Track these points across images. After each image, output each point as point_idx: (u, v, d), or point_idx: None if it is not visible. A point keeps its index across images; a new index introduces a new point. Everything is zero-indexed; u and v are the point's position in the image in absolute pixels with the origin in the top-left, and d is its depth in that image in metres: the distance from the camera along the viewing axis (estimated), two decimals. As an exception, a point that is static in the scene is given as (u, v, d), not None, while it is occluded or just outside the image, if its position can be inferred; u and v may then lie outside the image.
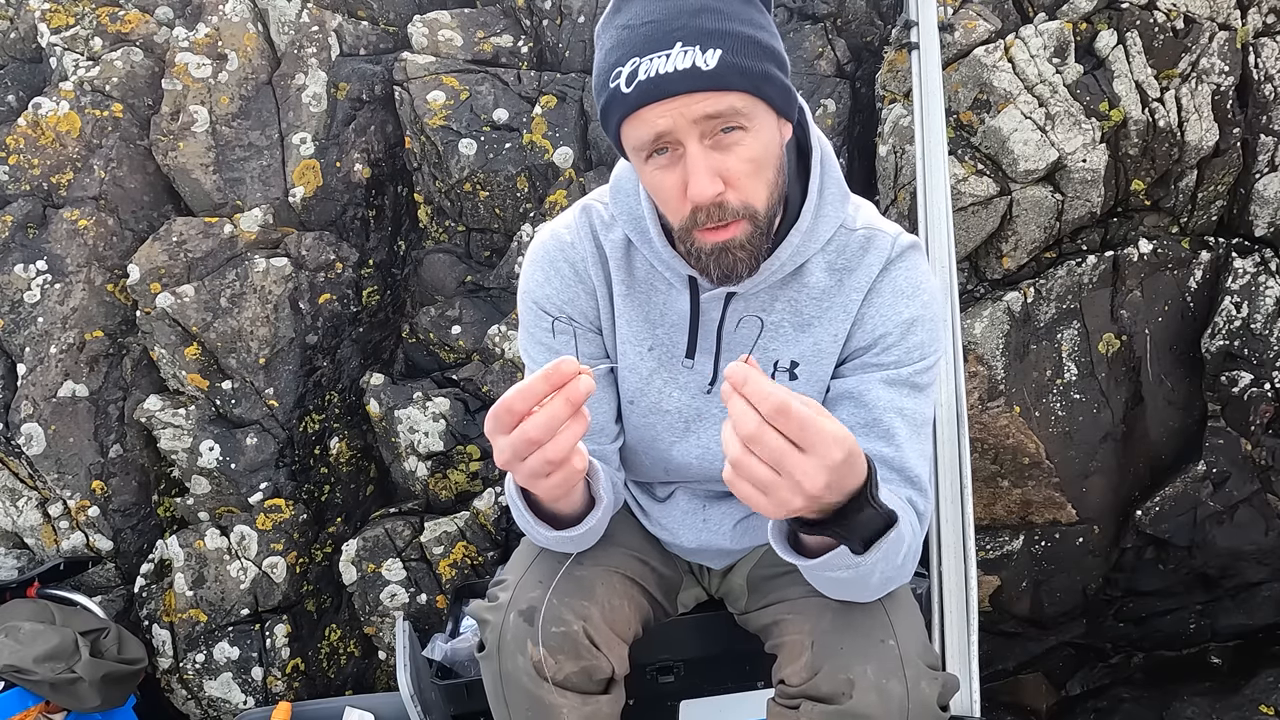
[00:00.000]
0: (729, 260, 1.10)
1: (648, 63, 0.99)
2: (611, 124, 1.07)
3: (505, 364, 2.38)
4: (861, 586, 1.12)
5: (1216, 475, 2.33)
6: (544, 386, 0.89)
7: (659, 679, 1.68)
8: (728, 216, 1.06)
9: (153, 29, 2.57)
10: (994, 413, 2.25)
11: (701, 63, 0.98)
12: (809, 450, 0.82)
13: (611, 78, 1.02)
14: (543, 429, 0.89)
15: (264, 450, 2.36)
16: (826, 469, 0.83)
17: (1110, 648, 2.58)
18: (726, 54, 0.99)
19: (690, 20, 0.99)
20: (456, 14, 2.65)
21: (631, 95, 1.01)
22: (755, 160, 1.05)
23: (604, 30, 1.07)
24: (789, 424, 0.81)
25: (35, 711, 1.94)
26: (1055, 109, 2.19)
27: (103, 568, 2.37)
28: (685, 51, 0.98)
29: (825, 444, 0.82)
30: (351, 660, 2.47)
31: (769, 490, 0.84)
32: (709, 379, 1.29)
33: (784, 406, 0.81)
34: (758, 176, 1.07)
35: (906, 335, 1.23)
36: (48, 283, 2.37)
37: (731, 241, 1.09)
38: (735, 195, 1.06)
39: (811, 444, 0.82)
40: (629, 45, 1.01)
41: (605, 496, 1.17)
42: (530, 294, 1.31)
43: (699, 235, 1.09)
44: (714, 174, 1.03)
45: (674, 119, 1.00)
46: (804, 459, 0.82)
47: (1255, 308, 2.29)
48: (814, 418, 0.82)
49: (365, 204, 2.56)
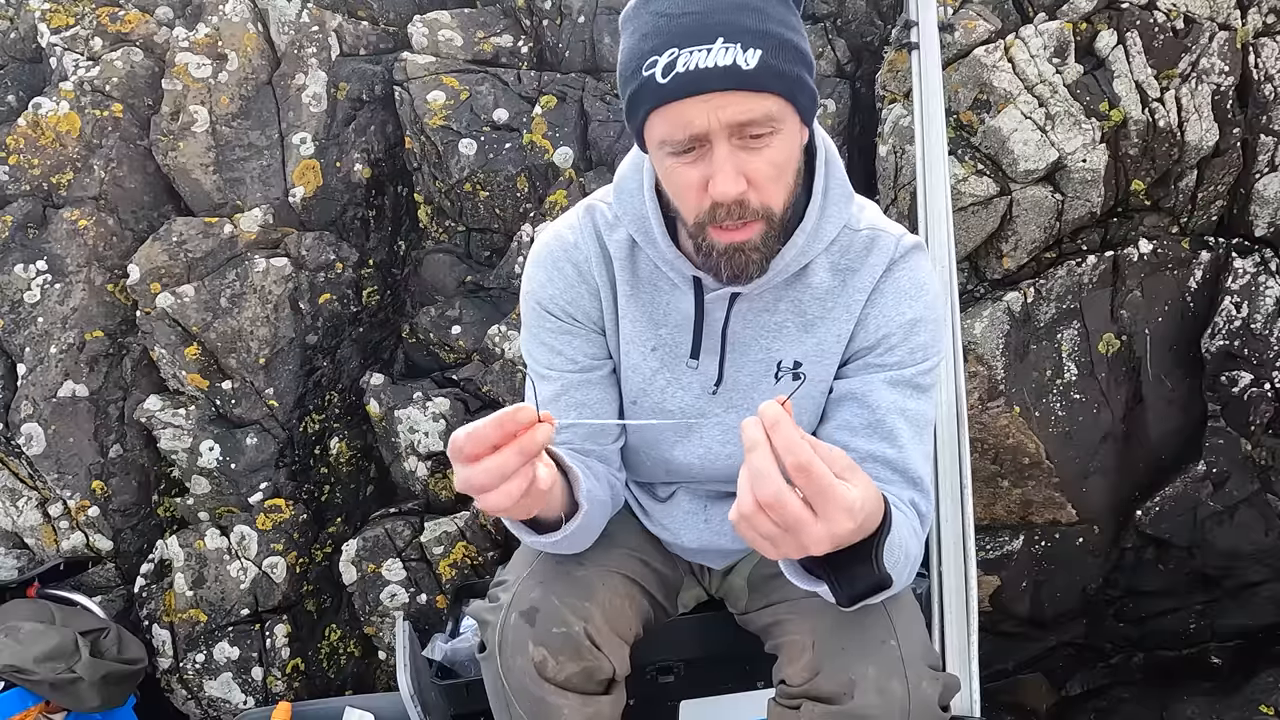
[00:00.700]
0: (741, 260, 1.10)
1: (687, 55, 0.98)
2: (639, 113, 1.05)
3: (505, 364, 2.38)
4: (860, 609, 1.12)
5: (1216, 475, 2.33)
6: (496, 434, 0.88)
7: (659, 679, 1.68)
8: (747, 216, 1.06)
9: (153, 29, 2.57)
10: (994, 413, 2.25)
11: (742, 61, 0.97)
12: (821, 516, 0.81)
13: (645, 66, 1.00)
14: (493, 475, 0.88)
15: (264, 450, 2.36)
16: (832, 537, 0.83)
17: (1110, 648, 2.58)
18: (766, 55, 0.98)
19: (732, 16, 0.98)
20: (456, 14, 2.65)
21: (668, 86, 0.99)
22: (779, 164, 1.05)
23: (636, 15, 1.04)
24: (808, 484, 0.80)
25: (35, 711, 1.94)
26: (1055, 109, 2.19)
27: (103, 568, 2.36)
28: (727, 49, 0.97)
29: (838, 516, 0.81)
30: (351, 660, 2.46)
31: (775, 542, 0.84)
32: (713, 380, 1.29)
33: (808, 467, 0.80)
34: (779, 180, 1.07)
35: (910, 336, 1.23)
36: (48, 283, 2.37)
37: (747, 243, 1.08)
38: (756, 196, 1.05)
39: (825, 511, 0.81)
40: (667, 34, 0.99)
41: (585, 504, 1.16)
42: (533, 294, 1.31)
43: (714, 232, 1.08)
44: (739, 173, 1.03)
45: (709, 119, 0.99)
46: (814, 525, 0.81)
47: (1255, 308, 2.29)
48: (833, 485, 0.81)
49: (365, 204, 2.56)
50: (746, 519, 0.83)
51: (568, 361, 1.30)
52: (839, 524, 0.82)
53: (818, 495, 0.81)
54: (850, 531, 0.83)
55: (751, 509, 0.82)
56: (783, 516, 0.81)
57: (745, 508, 0.82)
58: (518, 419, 0.88)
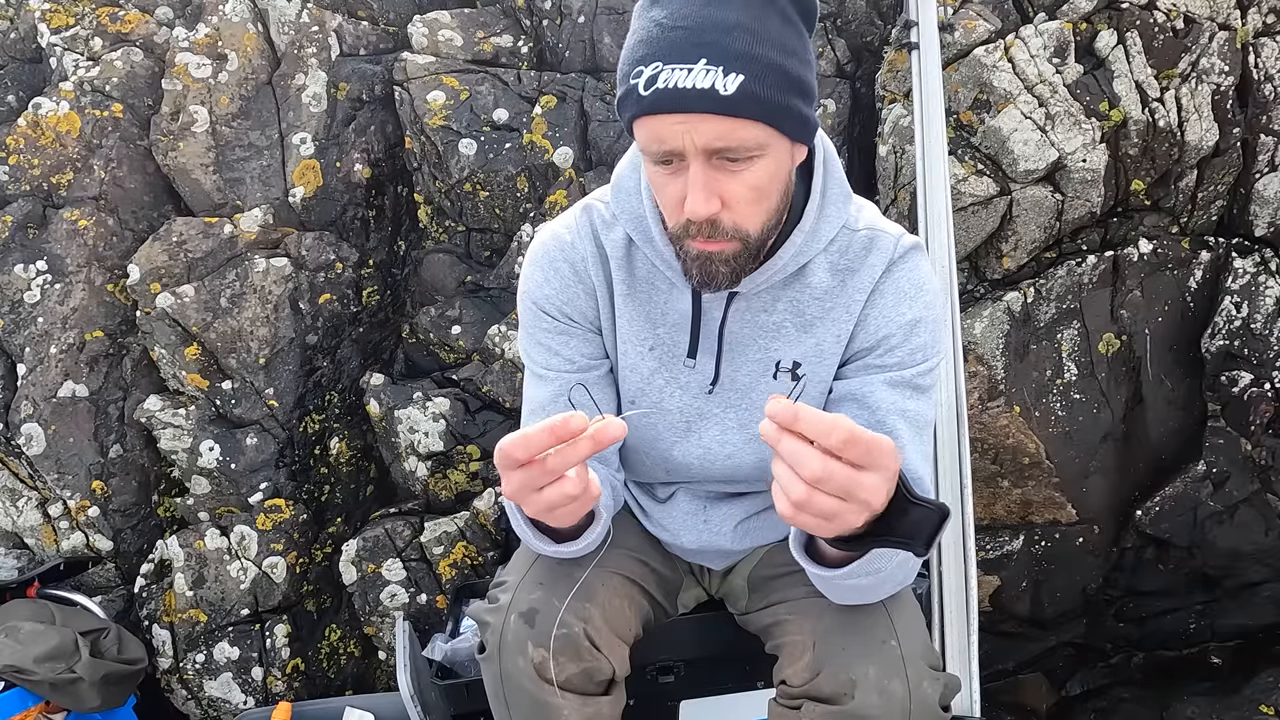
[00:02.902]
0: (711, 269, 1.11)
1: (668, 71, 0.98)
2: (625, 117, 1.06)
3: (505, 364, 2.38)
4: (874, 592, 1.14)
5: (1216, 475, 2.33)
6: (548, 440, 0.88)
7: (659, 679, 1.68)
8: (718, 236, 1.06)
9: (153, 29, 2.57)
10: (994, 413, 2.25)
11: (720, 86, 0.96)
12: (872, 468, 0.81)
13: (633, 75, 1.01)
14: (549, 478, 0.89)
15: (264, 450, 2.36)
16: (888, 480, 0.83)
17: (1110, 648, 2.58)
18: (748, 81, 0.97)
19: (721, 37, 0.97)
20: (456, 14, 2.65)
21: (647, 99, 0.99)
22: (758, 188, 1.05)
23: (640, 15, 1.04)
24: (857, 450, 0.79)
25: (35, 711, 1.94)
26: (1055, 109, 2.19)
27: (103, 568, 2.36)
28: (707, 71, 0.96)
29: (885, 459, 0.81)
30: (351, 660, 2.47)
31: (836, 517, 0.82)
32: (710, 379, 1.29)
33: (852, 435, 0.79)
34: (757, 204, 1.06)
35: (910, 337, 1.22)
36: (48, 283, 2.37)
37: (717, 254, 1.09)
38: (730, 217, 1.05)
39: (875, 461, 0.81)
40: (656, 46, 0.99)
41: (604, 513, 1.17)
42: (529, 294, 1.31)
43: (688, 241, 1.10)
44: (712, 194, 1.03)
45: (683, 140, 0.99)
46: (869, 477, 0.81)
47: (1255, 308, 2.29)
48: (875, 437, 0.81)
49: (365, 204, 2.56)
50: (802, 505, 0.81)
51: (565, 362, 1.31)
52: (889, 463, 0.81)
53: (865, 454, 0.80)
54: (898, 468, 0.84)
55: (803, 492, 0.81)
56: (836, 486, 0.80)
57: (797, 493, 0.81)
58: (570, 427, 0.87)
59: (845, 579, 1.04)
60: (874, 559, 1.00)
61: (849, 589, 1.13)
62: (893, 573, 1.08)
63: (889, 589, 1.15)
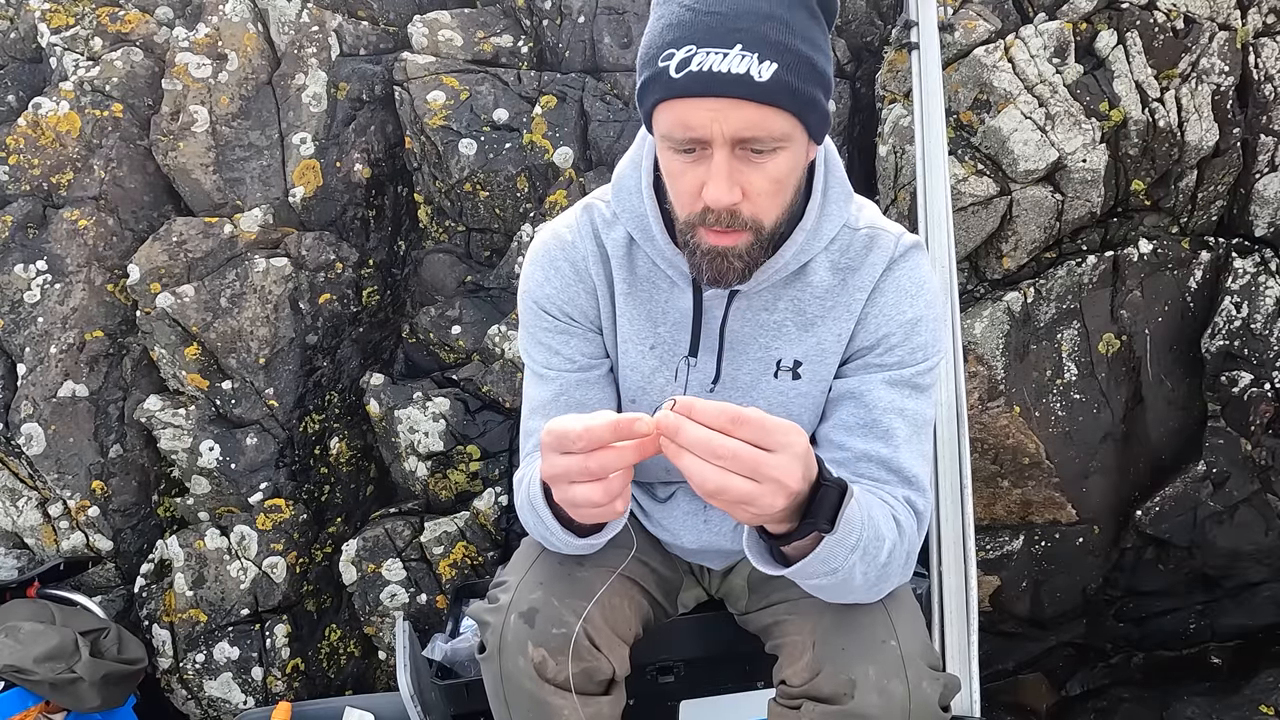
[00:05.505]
0: (723, 265, 1.11)
1: (703, 55, 0.97)
2: (647, 102, 1.05)
3: (505, 364, 2.38)
4: (846, 589, 1.10)
5: (1216, 475, 2.33)
6: (609, 435, 0.87)
7: (659, 679, 1.68)
8: (736, 225, 1.06)
9: (153, 29, 2.57)
10: (994, 413, 2.25)
11: (756, 73, 0.96)
12: (778, 449, 0.84)
13: (662, 57, 1.00)
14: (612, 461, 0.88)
15: (264, 450, 2.36)
16: (799, 459, 0.86)
17: (1110, 648, 2.58)
18: (782, 70, 0.97)
19: (756, 24, 0.97)
20: (456, 14, 2.65)
21: (679, 82, 0.99)
22: (779, 180, 1.05)
23: (663, 3, 1.04)
24: (750, 429, 0.83)
25: (35, 711, 1.94)
26: (1055, 109, 2.19)
27: (103, 568, 2.36)
28: (744, 56, 0.96)
29: (788, 436, 0.85)
30: (351, 660, 2.47)
31: (754, 500, 0.85)
32: (711, 378, 1.29)
33: (739, 416, 0.83)
34: (776, 196, 1.07)
35: (910, 336, 1.23)
36: (48, 283, 2.37)
37: (731, 249, 1.09)
38: (749, 208, 1.06)
39: (777, 441, 0.84)
40: (689, 29, 0.99)
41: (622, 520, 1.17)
42: (530, 294, 1.31)
43: (702, 232, 1.09)
44: (735, 183, 1.02)
45: (711, 127, 0.99)
46: (777, 458, 0.84)
47: (1255, 308, 2.29)
48: (767, 416, 0.84)
49: (365, 204, 2.56)
50: (720, 489, 0.84)
51: (565, 361, 1.31)
52: (795, 442, 0.85)
53: (764, 433, 0.83)
54: (806, 446, 0.87)
55: (716, 476, 0.83)
56: (743, 462, 0.83)
57: (710, 481, 0.83)
58: (635, 429, 0.87)
59: (802, 578, 1.04)
60: (828, 558, 1.00)
61: (816, 589, 1.13)
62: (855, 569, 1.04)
63: (865, 586, 1.11)
